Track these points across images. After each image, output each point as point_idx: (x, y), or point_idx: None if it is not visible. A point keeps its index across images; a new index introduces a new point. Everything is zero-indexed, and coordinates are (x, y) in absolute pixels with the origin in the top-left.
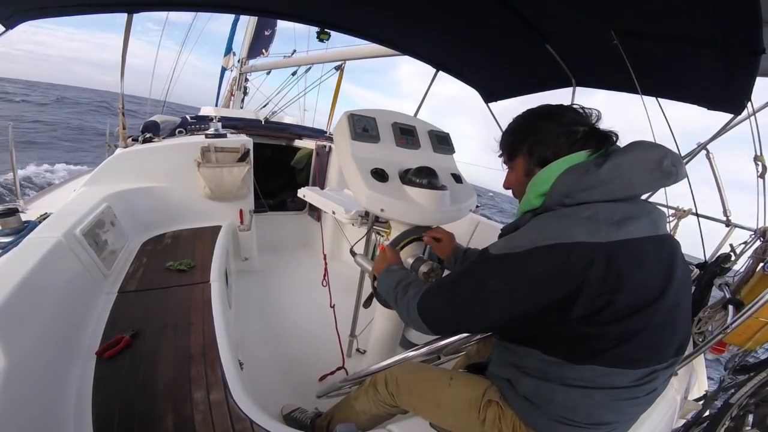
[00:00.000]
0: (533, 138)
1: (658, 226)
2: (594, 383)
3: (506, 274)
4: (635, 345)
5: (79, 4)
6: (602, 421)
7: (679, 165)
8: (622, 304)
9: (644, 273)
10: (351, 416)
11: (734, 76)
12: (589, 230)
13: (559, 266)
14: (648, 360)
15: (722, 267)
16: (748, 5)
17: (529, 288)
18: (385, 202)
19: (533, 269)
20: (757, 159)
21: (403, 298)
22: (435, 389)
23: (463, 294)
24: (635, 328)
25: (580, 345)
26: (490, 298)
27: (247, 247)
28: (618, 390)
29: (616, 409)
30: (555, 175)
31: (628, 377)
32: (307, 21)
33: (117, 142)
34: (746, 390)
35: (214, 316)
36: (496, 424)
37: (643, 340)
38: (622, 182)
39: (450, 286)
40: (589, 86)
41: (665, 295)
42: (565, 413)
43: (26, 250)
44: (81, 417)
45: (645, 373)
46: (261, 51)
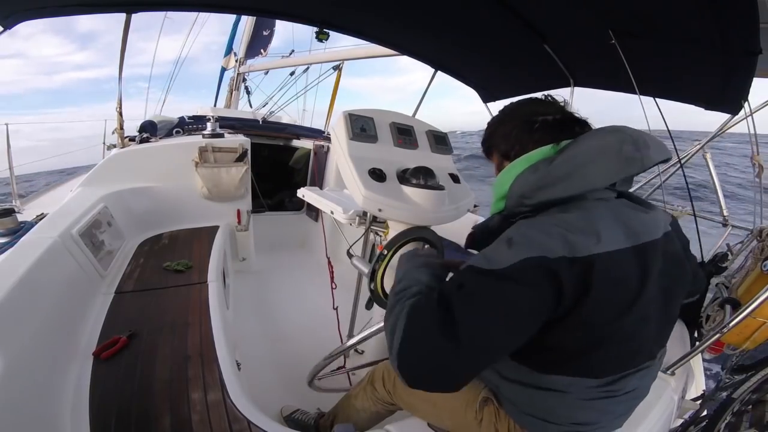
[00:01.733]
0: (495, 135)
1: (638, 235)
2: (565, 389)
3: (496, 300)
4: (597, 358)
5: (77, 4)
6: (584, 421)
7: (644, 149)
8: (587, 316)
9: (612, 288)
10: (352, 414)
11: (732, 77)
12: (565, 244)
13: (534, 287)
14: (613, 369)
15: (719, 266)
16: (746, 6)
17: (523, 314)
18: (382, 202)
19: (510, 294)
20: (754, 159)
21: (395, 305)
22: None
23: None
24: (597, 339)
25: (545, 355)
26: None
27: (244, 247)
28: (589, 390)
29: (593, 408)
30: (513, 176)
31: (594, 384)
32: (305, 21)
33: (114, 143)
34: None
35: (212, 316)
36: (492, 423)
37: (605, 352)
38: (578, 176)
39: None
40: (587, 86)
41: (631, 311)
42: (545, 415)
43: (23, 250)
44: (78, 418)
45: (612, 379)
46: (259, 51)
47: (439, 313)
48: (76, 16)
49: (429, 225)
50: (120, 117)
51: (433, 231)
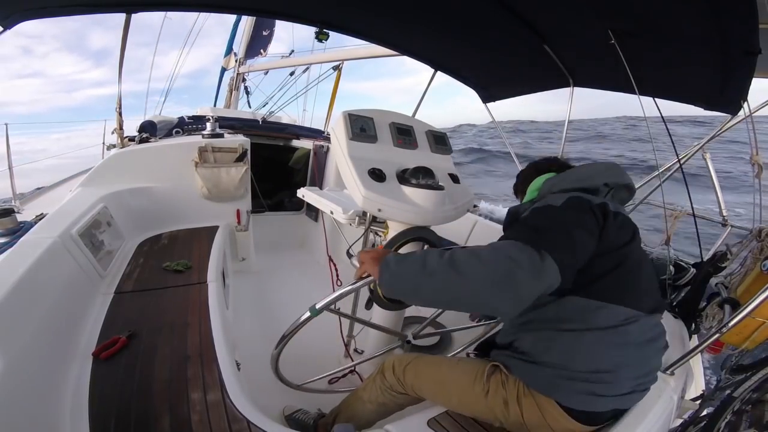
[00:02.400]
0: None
1: (623, 203)
2: (582, 322)
3: (576, 211)
4: (609, 282)
5: (77, 4)
6: (597, 369)
7: (622, 171)
8: (606, 241)
9: (616, 226)
10: (358, 407)
11: (731, 77)
12: (585, 195)
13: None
14: (622, 299)
15: (718, 266)
16: (745, 6)
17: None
18: (382, 202)
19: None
20: (753, 159)
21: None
22: (441, 371)
23: (561, 229)
24: (609, 266)
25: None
26: (576, 225)
27: (244, 247)
28: (604, 330)
29: (606, 354)
30: (542, 181)
31: (608, 312)
32: (305, 21)
33: (114, 143)
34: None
35: (211, 316)
36: (499, 390)
37: (615, 277)
38: (583, 176)
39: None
40: (586, 86)
41: (630, 246)
42: (563, 361)
43: (22, 250)
44: (77, 418)
45: (625, 314)
46: (259, 51)
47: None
48: (76, 16)
49: (429, 225)
50: (119, 117)
51: (432, 231)
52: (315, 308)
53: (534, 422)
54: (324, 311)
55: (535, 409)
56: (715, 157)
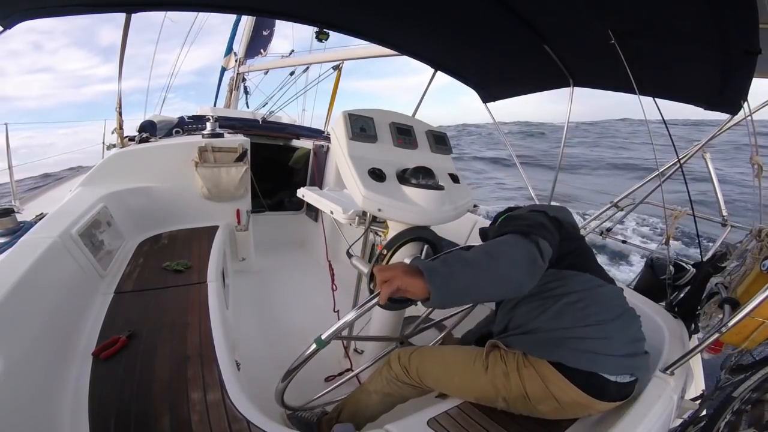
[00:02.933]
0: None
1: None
2: (563, 288)
3: (537, 213)
4: (575, 258)
5: (77, 3)
6: (587, 323)
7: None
8: (563, 232)
9: (569, 227)
10: (362, 398)
11: (731, 77)
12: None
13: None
14: (588, 269)
15: (717, 266)
16: (746, 6)
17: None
18: (382, 202)
19: (541, 211)
20: (753, 159)
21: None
22: (444, 353)
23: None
24: (572, 247)
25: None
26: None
27: (244, 247)
28: (582, 292)
29: (591, 309)
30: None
31: (581, 278)
32: (305, 21)
33: (114, 142)
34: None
35: (211, 316)
36: (498, 364)
37: (578, 255)
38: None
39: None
40: (586, 86)
41: (581, 239)
42: (554, 323)
43: (22, 250)
44: (77, 418)
45: (594, 281)
46: (259, 51)
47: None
48: (77, 15)
49: (428, 225)
50: (119, 117)
51: (432, 231)
52: (321, 340)
53: (538, 394)
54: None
55: (537, 378)
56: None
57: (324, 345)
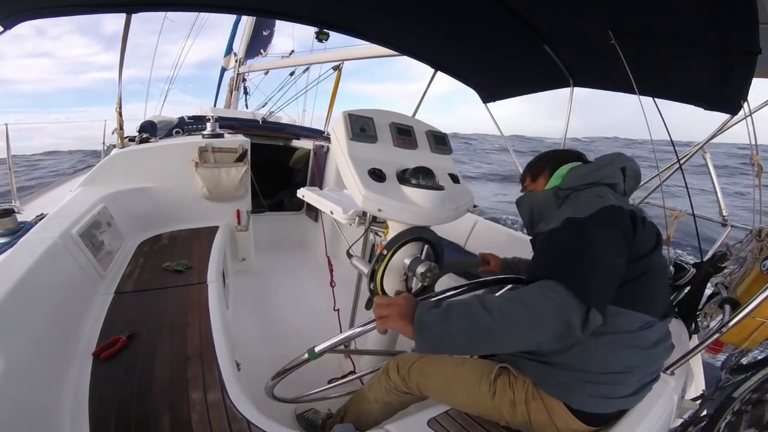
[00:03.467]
0: (549, 164)
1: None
2: (605, 328)
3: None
4: (631, 289)
5: (77, 4)
6: (612, 370)
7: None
8: (635, 250)
9: (643, 233)
10: (364, 406)
11: (731, 77)
12: (614, 200)
13: (619, 214)
14: (642, 306)
15: (718, 266)
16: (745, 6)
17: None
18: (382, 202)
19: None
20: (753, 159)
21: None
22: (447, 370)
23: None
24: (634, 274)
25: None
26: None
27: (244, 247)
28: (622, 335)
29: (623, 358)
30: (566, 169)
31: (627, 318)
32: (306, 21)
33: (114, 143)
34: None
35: (211, 316)
36: (507, 392)
37: (639, 284)
38: (605, 162)
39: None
40: (586, 86)
41: (655, 253)
42: (579, 364)
43: (22, 251)
44: (78, 418)
45: (642, 320)
46: (259, 51)
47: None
48: (77, 16)
49: (429, 225)
50: (120, 117)
51: (432, 231)
52: (314, 351)
53: (540, 423)
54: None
55: (543, 411)
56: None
57: (316, 357)
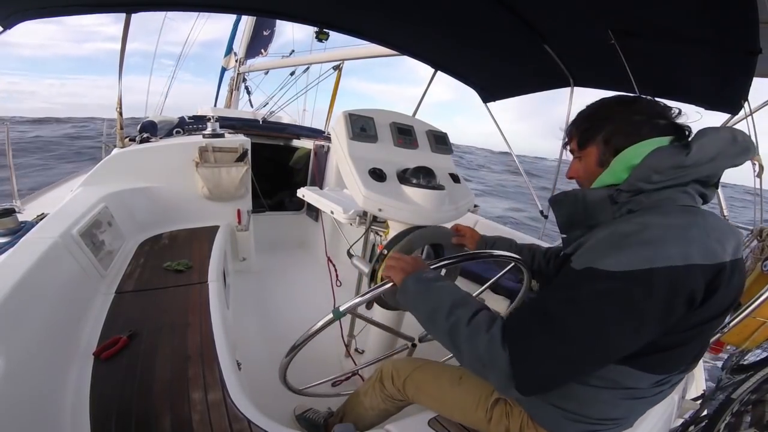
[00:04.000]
0: (611, 126)
1: (740, 248)
2: (614, 383)
3: (629, 305)
4: (665, 357)
5: (77, 4)
6: (610, 417)
7: (750, 141)
8: (696, 318)
9: (726, 295)
10: (360, 412)
11: (731, 76)
12: (700, 249)
13: (677, 289)
14: (670, 368)
15: None
16: (745, 6)
17: (655, 318)
18: (382, 202)
19: (657, 295)
20: (754, 159)
21: (474, 335)
22: (443, 388)
23: (579, 340)
24: (676, 342)
25: None
26: (616, 339)
27: (245, 247)
28: (633, 390)
29: (624, 407)
30: (645, 151)
31: (647, 381)
32: (306, 21)
33: (114, 142)
34: (749, 385)
35: (212, 316)
36: (502, 420)
37: (679, 352)
38: (708, 159)
39: (553, 326)
40: (586, 86)
41: (720, 317)
42: (576, 408)
43: (23, 250)
44: (78, 418)
45: (663, 378)
46: (260, 51)
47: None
48: (76, 15)
49: (429, 225)
50: (120, 117)
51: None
52: (338, 311)
53: None
54: (341, 312)
55: None
56: None
57: (340, 316)
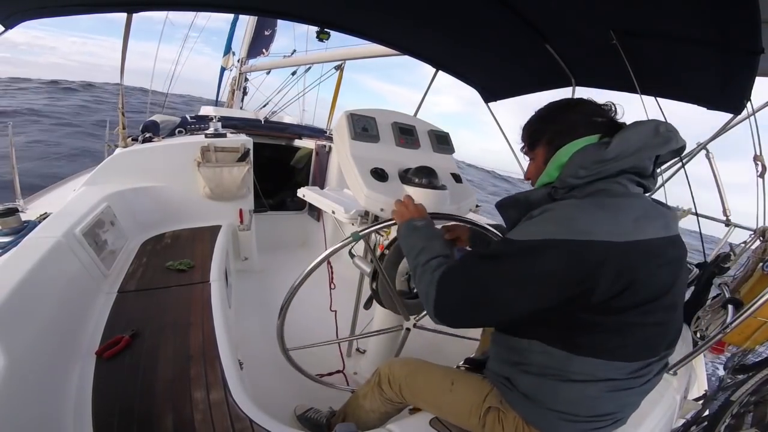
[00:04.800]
0: (553, 127)
1: (670, 227)
2: (594, 377)
3: (524, 268)
4: (634, 340)
5: (78, 3)
6: (602, 413)
7: (674, 132)
8: (628, 299)
9: (652, 272)
10: (362, 415)
11: (733, 76)
12: (608, 227)
13: (575, 264)
14: (644, 355)
15: (721, 267)
16: (747, 5)
17: (544, 285)
18: (384, 201)
19: (549, 264)
20: (757, 159)
21: (424, 274)
22: (437, 394)
23: (482, 288)
24: (635, 322)
25: (582, 337)
26: (509, 295)
27: (246, 246)
28: (615, 381)
29: (614, 400)
30: (573, 150)
31: (625, 370)
32: (307, 21)
33: (117, 142)
34: (748, 387)
35: (214, 315)
36: (496, 427)
37: (641, 335)
38: (630, 151)
39: (469, 275)
40: (588, 86)
41: (667, 294)
42: (567, 407)
43: (26, 250)
44: (81, 417)
45: (640, 365)
46: (261, 51)
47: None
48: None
49: None
50: (122, 117)
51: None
52: (357, 234)
53: None
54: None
55: None
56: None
57: (359, 239)
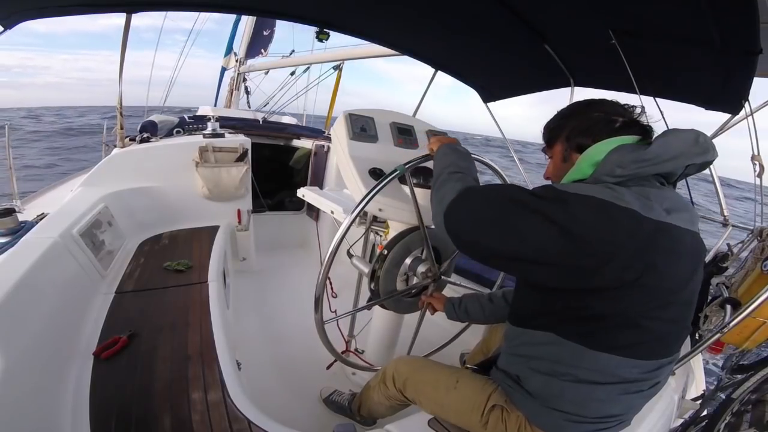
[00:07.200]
0: (571, 124)
1: (694, 223)
2: (605, 376)
3: (553, 209)
4: (651, 336)
5: (78, 4)
6: (609, 414)
7: (711, 144)
8: (648, 284)
9: (677, 262)
10: (372, 406)
11: (732, 76)
12: (643, 205)
13: (604, 220)
14: (659, 353)
15: (719, 266)
16: (746, 5)
17: (565, 232)
18: (383, 201)
19: (580, 213)
20: (755, 158)
21: (449, 181)
22: (439, 391)
23: (501, 209)
24: (653, 317)
25: (599, 331)
26: (523, 226)
27: (244, 247)
28: (626, 384)
29: (622, 402)
30: (608, 149)
31: (638, 369)
32: (306, 21)
33: (114, 142)
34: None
35: (212, 316)
36: (498, 425)
37: (658, 331)
38: (669, 156)
39: (497, 194)
40: (587, 86)
41: (685, 288)
42: (574, 409)
43: (23, 250)
44: (78, 418)
45: (654, 366)
46: (260, 51)
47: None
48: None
49: (429, 224)
50: (120, 117)
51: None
52: (403, 166)
53: None
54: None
55: None
56: None
57: (404, 171)
